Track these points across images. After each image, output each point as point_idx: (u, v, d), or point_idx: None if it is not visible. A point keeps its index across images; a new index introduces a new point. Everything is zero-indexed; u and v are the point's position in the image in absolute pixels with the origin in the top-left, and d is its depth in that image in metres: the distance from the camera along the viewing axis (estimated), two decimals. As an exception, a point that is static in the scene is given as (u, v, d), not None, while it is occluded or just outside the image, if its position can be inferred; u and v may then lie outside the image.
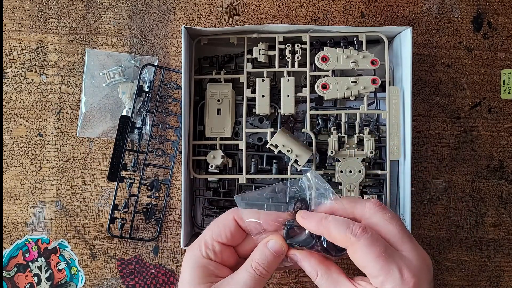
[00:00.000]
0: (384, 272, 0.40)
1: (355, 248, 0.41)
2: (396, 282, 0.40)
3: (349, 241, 0.41)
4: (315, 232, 0.43)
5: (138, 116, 0.64)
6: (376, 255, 0.40)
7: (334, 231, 0.42)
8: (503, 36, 0.65)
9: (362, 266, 0.41)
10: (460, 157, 0.64)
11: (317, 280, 0.44)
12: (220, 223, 0.45)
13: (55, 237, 0.64)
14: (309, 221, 0.44)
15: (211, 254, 0.44)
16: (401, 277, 0.40)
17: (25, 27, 0.65)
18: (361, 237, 0.41)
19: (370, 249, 0.40)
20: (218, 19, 0.65)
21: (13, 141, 0.64)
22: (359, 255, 0.41)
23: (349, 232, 0.41)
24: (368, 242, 0.41)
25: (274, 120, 0.59)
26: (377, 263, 0.40)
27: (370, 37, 0.58)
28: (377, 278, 0.40)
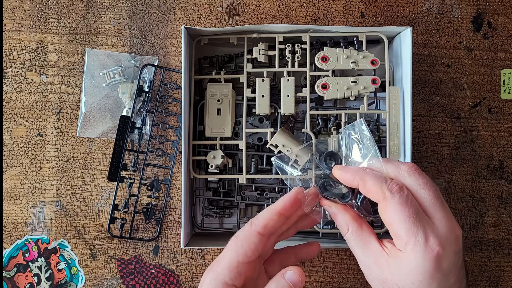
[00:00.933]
0: (409, 235, 0.40)
1: (387, 204, 0.40)
2: (420, 247, 0.39)
3: (383, 196, 0.41)
4: (350, 183, 0.43)
5: (138, 116, 0.64)
6: (406, 216, 0.40)
7: (369, 183, 0.42)
8: (503, 36, 0.65)
9: (389, 223, 0.41)
10: (460, 157, 0.64)
11: (347, 235, 0.44)
12: (243, 241, 0.43)
13: (55, 237, 0.64)
14: (346, 171, 0.44)
15: (235, 278, 0.42)
16: (425, 243, 0.39)
17: (25, 27, 0.65)
18: (396, 195, 0.40)
19: (402, 209, 0.40)
20: (218, 19, 0.65)
21: (13, 141, 0.64)
22: (390, 212, 0.40)
23: (385, 187, 0.41)
24: (401, 201, 0.40)
25: (274, 120, 0.59)
26: (405, 224, 0.40)
27: (370, 37, 0.58)
28: (401, 239, 0.40)
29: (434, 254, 0.39)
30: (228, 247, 0.43)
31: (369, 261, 0.43)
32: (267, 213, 0.44)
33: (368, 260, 0.43)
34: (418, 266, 0.40)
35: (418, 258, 0.39)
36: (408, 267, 0.40)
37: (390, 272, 0.41)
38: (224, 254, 0.43)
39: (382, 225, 0.59)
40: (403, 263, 0.40)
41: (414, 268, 0.40)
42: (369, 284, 0.45)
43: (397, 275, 0.40)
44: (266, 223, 0.43)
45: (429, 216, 0.41)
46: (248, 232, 0.43)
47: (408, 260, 0.40)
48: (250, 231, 0.43)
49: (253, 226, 0.43)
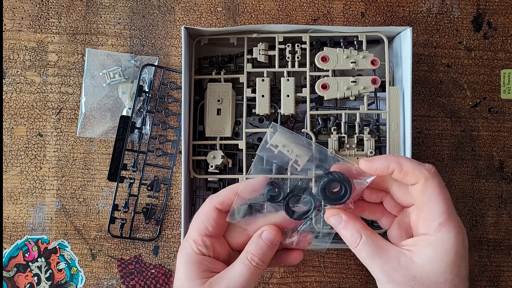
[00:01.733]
0: (446, 215, 0.40)
1: (428, 184, 0.41)
2: (454, 226, 0.40)
3: (423, 176, 0.41)
4: (384, 170, 0.42)
5: (138, 116, 0.64)
6: (445, 197, 0.40)
7: (407, 165, 0.41)
8: (503, 36, 0.65)
9: (428, 202, 0.41)
10: (460, 157, 0.64)
11: (360, 244, 0.42)
12: (202, 216, 0.45)
13: (55, 237, 0.64)
14: (376, 160, 0.43)
15: (204, 250, 0.45)
16: (458, 227, 0.40)
17: (25, 27, 0.65)
18: (436, 176, 0.41)
19: (442, 190, 0.40)
20: (218, 19, 0.65)
21: (13, 141, 0.64)
22: (429, 192, 0.40)
23: (423, 168, 0.41)
24: (441, 183, 0.41)
25: (274, 120, 0.59)
26: (444, 205, 0.40)
27: (370, 37, 0.58)
28: (437, 219, 0.40)
29: (462, 233, 0.40)
30: (192, 222, 0.46)
31: (390, 266, 0.41)
32: (227, 190, 0.46)
33: (389, 265, 0.41)
34: (454, 245, 0.40)
35: (453, 236, 0.40)
36: (444, 248, 0.40)
37: (420, 266, 0.40)
38: (190, 228, 0.46)
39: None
40: (438, 246, 0.40)
41: (450, 248, 0.40)
42: (368, 283, 0.44)
43: (428, 266, 0.40)
44: (224, 199, 0.45)
45: None
46: (206, 208, 0.45)
47: (444, 240, 0.40)
48: (208, 206, 0.45)
49: (212, 201, 0.45)
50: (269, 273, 0.64)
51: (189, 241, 0.45)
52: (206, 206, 0.46)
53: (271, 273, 0.64)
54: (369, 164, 0.43)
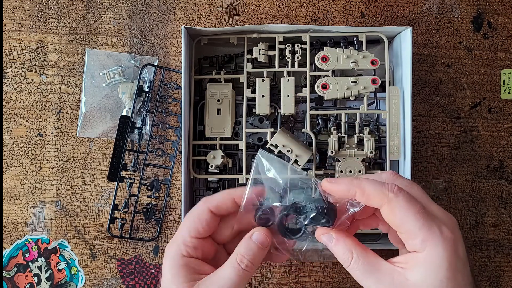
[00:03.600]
0: (425, 229, 0.38)
1: (393, 205, 0.39)
2: (438, 240, 0.38)
3: (387, 198, 0.39)
4: (345, 194, 0.41)
5: (138, 116, 0.64)
6: (416, 212, 0.38)
7: (369, 189, 0.40)
8: (503, 36, 0.65)
9: (399, 224, 0.39)
10: (460, 157, 0.64)
11: (352, 263, 0.41)
12: (195, 217, 0.44)
13: (55, 237, 0.64)
14: (338, 183, 0.41)
15: (192, 252, 0.43)
16: (441, 234, 0.38)
17: (25, 27, 0.65)
18: (399, 194, 0.39)
19: (410, 206, 0.39)
20: (218, 19, 0.65)
21: (13, 141, 0.64)
22: (398, 213, 0.39)
23: (385, 189, 0.39)
24: (406, 199, 0.39)
25: (274, 120, 0.59)
26: (418, 221, 0.38)
27: (370, 37, 0.58)
28: (417, 237, 0.38)
29: (452, 242, 0.38)
30: (183, 223, 0.44)
31: (384, 284, 0.40)
32: (222, 194, 0.44)
33: (382, 284, 0.40)
34: (444, 260, 0.38)
35: (440, 251, 0.38)
36: (434, 265, 0.38)
37: (414, 284, 0.39)
38: (180, 229, 0.44)
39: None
40: (427, 264, 0.38)
41: (440, 264, 0.38)
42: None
43: (422, 284, 0.38)
44: (219, 204, 0.44)
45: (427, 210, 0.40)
46: (200, 209, 0.44)
47: (432, 257, 0.38)
48: (202, 208, 0.44)
49: (206, 203, 0.44)
50: (269, 273, 0.64)
51: (177, 242, 0.44)
52: (200, 208, 0.44)
53: (271, 273, 0.64)
54: (330, 185, 0.42)
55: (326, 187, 0.42)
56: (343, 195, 0.41)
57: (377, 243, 0.58)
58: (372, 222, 0.46)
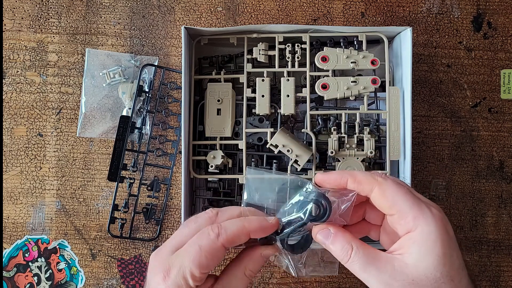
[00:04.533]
0: (415, 208, 0.40)
1: (384, 187, 0.41)
2: (429, 217, 0.39)
3: (376, 182, 0.41)
4: (337, 182, 0.43)
5: (138, 116, 0.64)
6: (405, 192, 0.40)
7: (360, 175, 0.42)
8: (503, 36, 0.65)
9: (391, 204, 0.40)
10: (460, 157, 0.64)
11: (352, 256, 0.41)
12: (208, 255, 0.40)
13: (55, 237, 0.64)
14: (331, 173, 0.43)
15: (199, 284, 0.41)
16: (431, 212, 0.39)
17: (25, 27, 0.65)
18: (388, 178, 0.41)
19: (399, 187, 0.41)
20: (218, 19, 0.65)
21: (13, 141, 0.64)
22: (389, 194, 0.40)
23: (375, 175, 0.42)
24: (395, 181, 0.41)
25: (274, 120, 0.59)
26: (408, 200, 0.40)
27: (370, 37, 0.58)
28: (408, 215, 0.40)
29: (442, 220, 0.39)
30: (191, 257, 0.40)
31: (386, 274, 0.39)
32: (238, 229, 0.42)
33: (385, 273, 0.39)
34: (437, 236, 0.39)
35: (432, 228, 0.39)
36: (428, 241, 0.39)
37: (413, 266, 0.39)
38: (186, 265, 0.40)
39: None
40: (422, 241, 0.39)
41: (434, 240, 0.39)
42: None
43: (421, 263, 0.39)
44: (234, 239, 0.41)
45: None
46: (214, 244, 0.41)
47: (425, 234, 0.39)
48: (216, 244, 0.41)
49: (221, 239, 0.41)
50: (269, 273, 0.64)
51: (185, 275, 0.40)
52: (213, 243, 0.41)
53: (271, 273, 0.64)
54: (323, 176, 0.44)
55: (319, 178, 0.44)
56: (336, 184, 0.43)
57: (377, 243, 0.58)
58: (362, 228, 0.47)
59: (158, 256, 0.42)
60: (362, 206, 0.46)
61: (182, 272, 0.40)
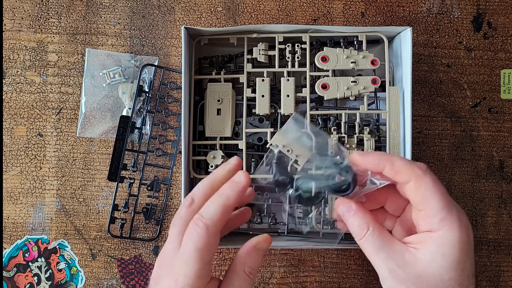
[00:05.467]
0: (446, 210, 0.39)
1: (421, 182, 0.40)
2: (455, 222, 0.39)
3: (415, 174, 0.40)
4: (375, 166, 0.42)
5: (138, 116, 0.64)
6: (440, 192, 0.40)
7: (399, 163, 0.41)
8: (503, 36, 0.65)
9: (423, 200, 0.40)
10: (460, 157, 0.64)
11: (367, 236, 0.41)
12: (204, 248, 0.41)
13: (55, 237, 0.64)
14: (368, 155, 0.43)
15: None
16: (459, 218, 0.39)
17: (25, 27, 0.65)
18: (427, 173, 0.40)
19: (436, 185, 0.40)
20: (218, 19, 0.65)
21: (13, 141, 0.64)
22: (424, 189, 0.40)
23: (415, 166, 0.40)
24: (433, 179, 0.40)
25: (274, 120, 0.59)
26: (441, 201, 0.40)
27: (370, 37, 0.58)
28: (436, 216, 0.39)
29: (466, 229, 0.40)
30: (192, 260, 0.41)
31: (395, 262, 0.40)
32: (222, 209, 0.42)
33: (394, 261, 0.40)
34: (457, 242, 0.39)
35: (456, 233, 0.39)
36: (446, 245, 0.39)
37: (424, 264, 0.39)
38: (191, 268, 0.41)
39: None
40: (440, 243, 0.39)
41: (453, 245, 0.39)
42: (368, 283, 0.44)
43: (433, 263, 0.39)
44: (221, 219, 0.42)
45: None
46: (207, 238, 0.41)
47: (446, 237, 0.39)
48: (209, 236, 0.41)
49: (210, 229, 0.41)
50: (269, 273, 0.64)
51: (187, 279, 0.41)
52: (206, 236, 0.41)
53: (271, 273, 0.64)
54: (361, 157, 0.43)
55: (356, 158, 0.43)
56: (373, 167, 0.42)
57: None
58: (379, 215, 0.47)
59: (162, 264, 0.44)
60: (384, 195, 0.46)
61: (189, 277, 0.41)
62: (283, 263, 0.64)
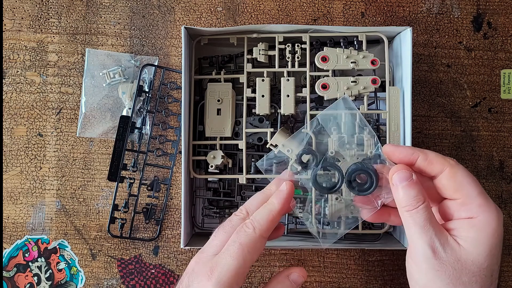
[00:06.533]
0: (483, 196, 0.40)
1: (455, 170, 0.41)
2: (493, 209, 0.40)
3: (449, 163, 0.42)
4: (408, 157, 0.42)
5: (138, 116, 0.64)
6: (474, 180, 0.41)
7: (431, 154, 0.42)
8: (503, 36, 0.65)
9: (459, 188, 0.41)
10: (460, 157, 0.64)
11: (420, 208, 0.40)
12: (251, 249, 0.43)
13: (55, 237, 0.64)
14: (401, 147, 0.44)
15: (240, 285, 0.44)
16: (496, 207, 0.40)
17: (25, 27, 0.65)
18: (459, 164, 0.42)
19: (469, 174, 0.41)
20: (218, 19, 0.65)
21: (13, 141, 0.64)
22: (459, 177, 0.41)
23: (447, 158, 0.42)
24: (466, 169, 0.42)
25: (274, 120, 0.59)
26: (476, 187, 0.40)
27: (370, 37, 0.58)
28: (474, 202, 0.40)
29: (500, 214, 0.40)
30: (233, 254, 0.42)
31: (439, 241, 0.40)
32: (268, 217, 0.44)
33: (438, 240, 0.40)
34: (496, 227, 0.40)
35: (495, 218, 0.40)
36: (487, 230, 0.40)
37: (465, 249, 0.39)
38: (229, 262, 0.42)
39: (382, 225, 0.59)
40: (482, 229, 0.40)
41: (493, 231, 0.40)
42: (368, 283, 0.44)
43: (474, 249, 0.39)
44: (269, 226, 0.44)
45: None
46: (253, 238, 0.43)
47: (487, 222, 0.40)
48: (255, 237, 0.43)
49: (257, 230, 0.43)
50: (269, 273, 0.64)
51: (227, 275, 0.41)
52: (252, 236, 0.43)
53: (271, 273, 0.64)
54: (393, 148, 0.43)
55: (389, 150, 0.43)
56: (405, 158, 0.43)
57: (377, 243, 0.58)
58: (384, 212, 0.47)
59: (199, 260, 0.44)
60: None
61: (226, 270, 0.41)
62: (283, 263, 0.64)
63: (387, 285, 0.62)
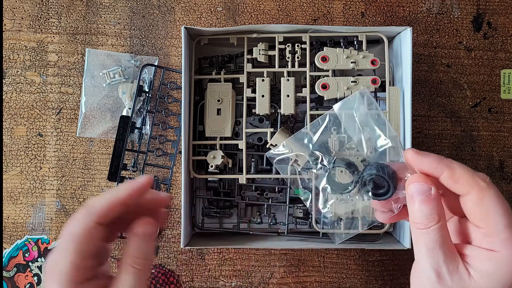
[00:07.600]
0: (509, 230, 0.35)
1: (484, 194, 0.35)
2: None
3: (478, 186, 0.36)
4: (431, 169, 0.37)
5: (138, 116, 0.64)
6: (505, 209, 0.35)
7: (460, 170, 0.36)
8: (503, 36, 0.65)
9: (485, 216, 0.36)
10: (460, 157, 0.64)
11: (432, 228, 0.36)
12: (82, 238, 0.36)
13: (55, 237, 0.64)
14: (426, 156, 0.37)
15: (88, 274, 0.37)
16: None
17: (25, 27, 0.65)
18: (492, 187, 0.36)
19: (501, 201, 0.35)
20: (218, 19, 0.65)
21: (13, 141, 0.64)
22: (487, 204, 0.35)
23: (478, 177, 0.36)
24: (498, 193, 0.36)
25: (274, 120, 0.59)
26: (505, 218, 0.35)
27: (370, 37, 0.58)
28: (499, 235, 0.35)
29: None
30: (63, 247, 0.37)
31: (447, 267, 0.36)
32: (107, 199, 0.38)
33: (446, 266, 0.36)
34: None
35: None
36: (506, 268, 0.35)
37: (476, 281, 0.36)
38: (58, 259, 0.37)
39: (382, 225, 0.59)
40: (501, 265, 0.36)
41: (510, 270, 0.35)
42: (368, 283, 0.43)
43: (485, 283, 0.36)
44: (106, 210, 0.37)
45: None
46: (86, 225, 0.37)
47: (507, 260, 0.35)
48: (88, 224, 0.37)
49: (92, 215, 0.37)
50: (269, 273, 0.64)
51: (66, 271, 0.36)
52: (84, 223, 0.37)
53: (271, 273, 0.64)
54: (417, 156, 0.38)
55: (412, 157, 0.38)
56: (428, 170, 0.37)
57: (377, 243, 0.58)
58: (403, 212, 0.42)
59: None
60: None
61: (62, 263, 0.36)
62: (283, 263, 0.64)
63: (387, 285, 0.62)
